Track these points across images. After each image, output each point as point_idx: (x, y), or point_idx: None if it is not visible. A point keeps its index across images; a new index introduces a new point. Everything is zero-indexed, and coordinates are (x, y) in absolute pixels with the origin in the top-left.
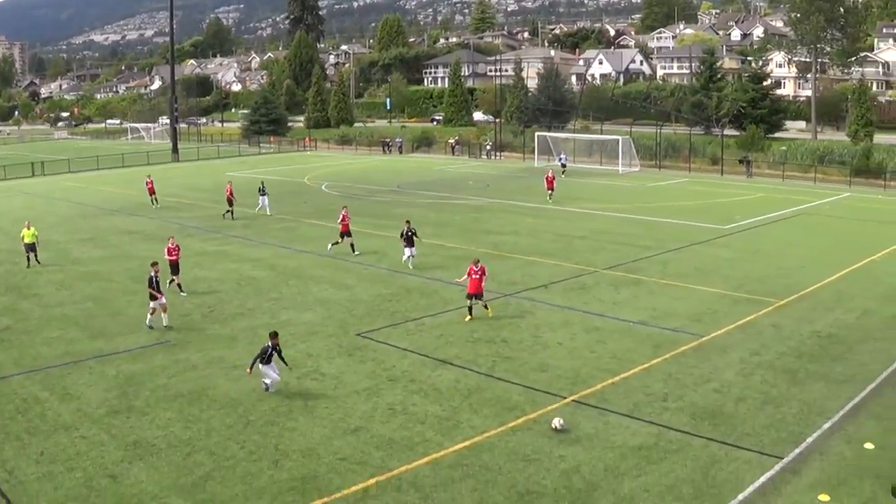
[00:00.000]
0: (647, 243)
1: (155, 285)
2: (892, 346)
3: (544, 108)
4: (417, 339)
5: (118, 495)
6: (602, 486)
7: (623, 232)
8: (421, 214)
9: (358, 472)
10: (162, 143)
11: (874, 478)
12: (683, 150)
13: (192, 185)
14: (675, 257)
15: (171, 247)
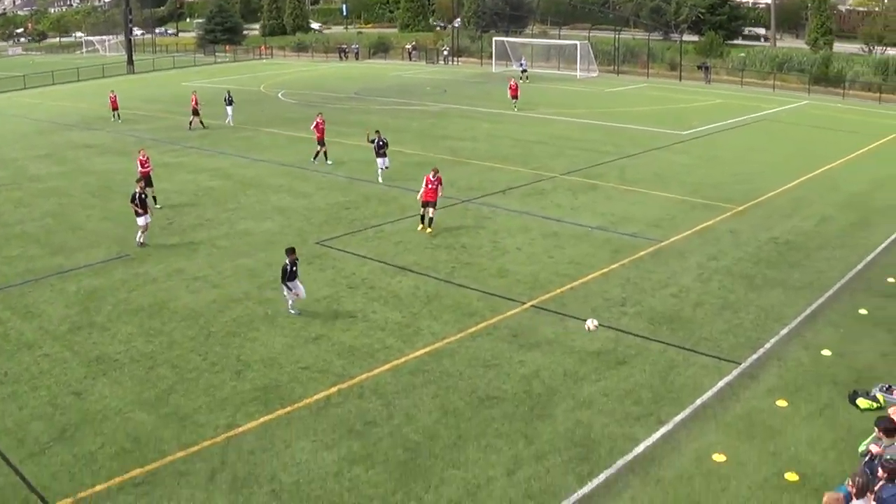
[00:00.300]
0: (606, 148)
1: (139, 202)
2: (849, 253)
3: (502, 12)
4: (376, 246)
5: (83, 412)
6: (561, 391)
7: (581, 137)
8: (378, 121)
9: (320, 380)
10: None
11: (831, 384)
12: (642, 55)
13: (148, 96)
14: (633, 163)
15: (142, 159)
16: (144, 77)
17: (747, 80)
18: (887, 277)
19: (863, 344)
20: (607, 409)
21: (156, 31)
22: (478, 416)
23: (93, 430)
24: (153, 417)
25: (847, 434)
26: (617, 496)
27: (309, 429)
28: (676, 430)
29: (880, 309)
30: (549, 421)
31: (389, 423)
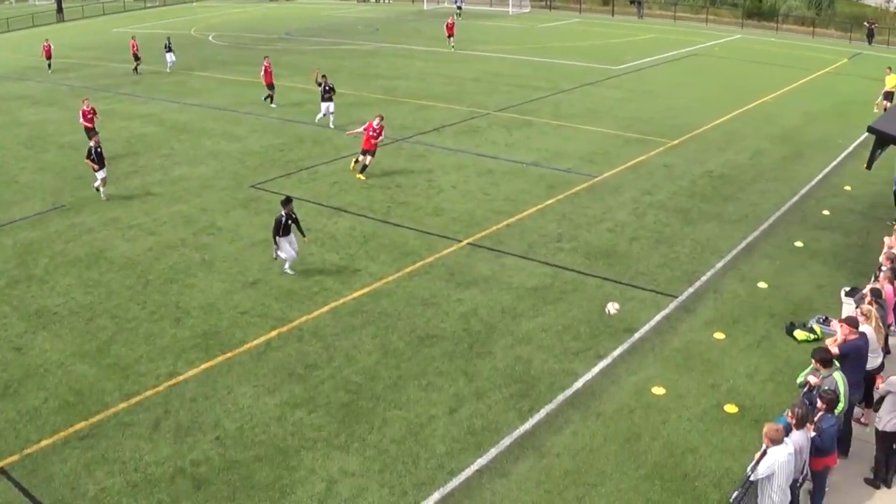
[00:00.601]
0: (539, 84)
1: (95, 157)
2: (783, 186)
3: None
4: (311, 187)
5: (24, 366)
6: (500, 328)
7: (514, 74)
8: (311, 61)
9: (259, 324)
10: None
11: (768, 316)
12: None
13: (79, 44)
14: (566, 98)
15: (85, 109)
16: (75, 25)
17: (680, 15)
18: (822, 210)
19: (799, 276)
20: (546, 344)
21: None
22: (418, 356)
23: (35, 385)
24: (95, 369)
25: (785, 366)
26: (558, 431)
27: (250, 374)
28: (615, 364)
29: (815, 241)
30: (489, 358)
31: (330, 365)
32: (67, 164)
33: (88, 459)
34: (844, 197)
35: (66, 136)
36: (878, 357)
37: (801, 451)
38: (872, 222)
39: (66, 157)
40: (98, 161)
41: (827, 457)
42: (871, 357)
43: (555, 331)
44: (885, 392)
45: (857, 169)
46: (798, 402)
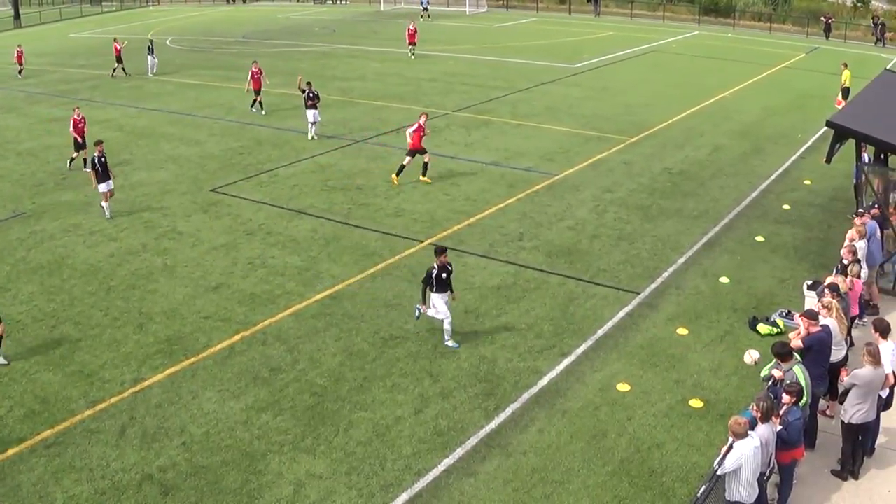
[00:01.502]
0: (497, 84)
1: (99, 168)
2: (742, 181)
3: None
4: (271, 190)
5: None
6: (463, 328)
7: (472, 73)
8: (268, 64)
9: (222, 329)
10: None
11: (731, 311)
12: None
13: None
14: (525, 97)
15: (76, 118)
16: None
17: (637, 13)
18: (782, 204)
19: (760, 270)
20: (510, 343)
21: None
22: (382, 357)
23: (0, 394)
24: (59, 377)
25: None
26: (524, 429)
27: (215, 378)
28: (579, 361)
29: (776, 235)
30: (453, 358)
31: (294, 368)
32: (27, 171)
33: (56, 467)
34: (804, 191)
35: (25, 142)
36: (841, 350)
37: (766, 445)
38: (832, 216)
39: (25, 164)
40: (103, 173)
41: (794, 449)
42: (835, 350)
43: (518, 329)
44: (849, 385)
45: (816, 163)
46: (763, 396)
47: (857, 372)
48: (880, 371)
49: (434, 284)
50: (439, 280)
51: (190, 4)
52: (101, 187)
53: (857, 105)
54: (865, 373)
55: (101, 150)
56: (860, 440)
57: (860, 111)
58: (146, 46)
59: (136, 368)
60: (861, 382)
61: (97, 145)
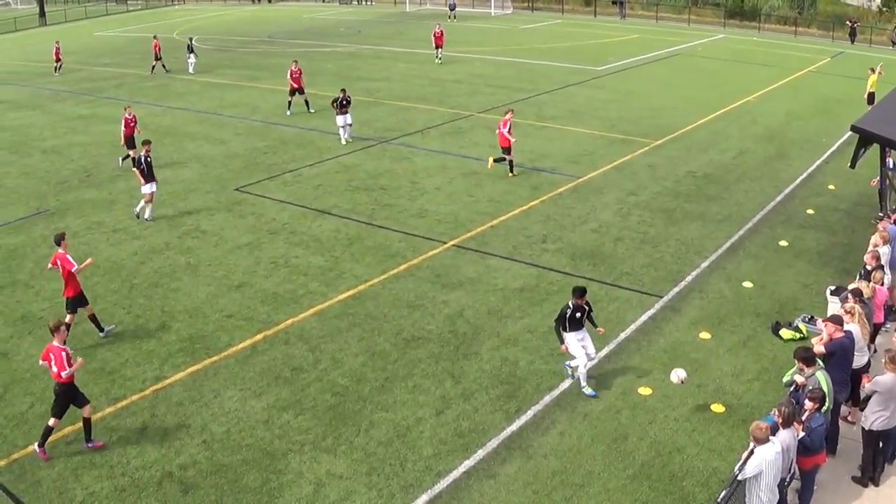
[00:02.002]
0: (522, 86)
1: (145, 167)
2: (767, 185)
3: None
4: (295, 190)
5: (10, 372)
6: (486, 329)
7: (497, 75)
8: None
9: (245, 328)
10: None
11: (754, 315)
12: None
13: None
14: (549, 99)
15: (128, 118)
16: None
17: (662, 16)
18: (806, 209)
19: (784, 275)
20: (532, 345)
21: None
22: (404, 358)
23: (22, 390)
24: (81, 373)
25: (771, 365)
26: (545, 432)
27: (236, 377)
28: (601, 363)
29: (800, 240)
30: (475, 359)
31: (316, 368)
32: (51, 169)
33: (76, 464)
34: (828, 196)
35: (49, 140)
36: (864, 356)
37: (788, 450)
38: (857, 221)
39: (49, 162)
40: (147, 173)
41: (816, 455)
42: (858, 355)
43: (541, 332)
44: (870, 391)
45: (841, 168)
46: (785, 401)
47: (879, 378)
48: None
49: (567, 324)
50: (573, 319)
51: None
52: (145, 188)
53: (882, 110)
54: (887, 379)
55: (148, 150)
56: (881, 447)
57: (885, 116)
58: (186, 45)
59: (157, 366)
60: (882, 389)
61: (145, 145)
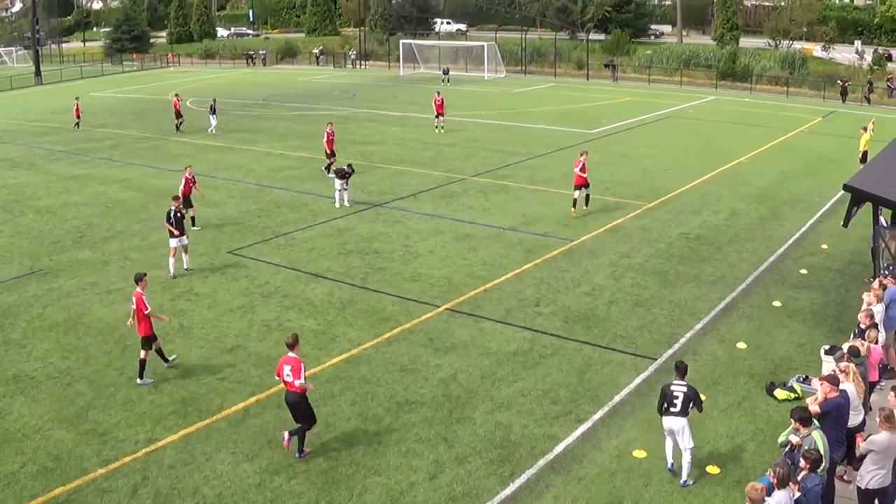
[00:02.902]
0: (515, 149)
1: (174, 221)
2: (760, 246)
3: (409, 15)
4: (289, 253)
5: (2, 431)
6: (480, 393)
7: (491, 139)
8: (287, 127)
9: (237, 391)
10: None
11: (748, 376)
12: (549, 55)
13: (56, 108)
14: (542, 163)
15: (188, 177)
16: (52, 88)
17: (654, 78)
18: (800, 269)
19: (778, 335)
20: (526, 409)
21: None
22: (397, 422)
23: (13, 450)
24: (73, 434)
25: (766, 425)
26: (540, 496)
27: (229, 440)
28: (596, 427)
29: (794, 300)
30: (469, 423)
31: (309, 431)
32: (45, 228)
33: None
34: (821, 255)
35: (44, 199)
36: (859, 414)
37: None
38: (850, 280)
39: (43, 221)
40: (177, 226)
41: None
42: (853, 414)
43: (535, 395)
44: (865, 450)
45: (833, 227)
46: (780, 462)
47: (874, 437)
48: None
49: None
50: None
51: (210, 66)
52: (172, 242)
53: (874, 168)
54: (882, 438)
55: (178, 205)
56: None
57: (877, 174)
58: (209, 105)
59: (150, 428)
60: (878, 448)
61: (174, 201)
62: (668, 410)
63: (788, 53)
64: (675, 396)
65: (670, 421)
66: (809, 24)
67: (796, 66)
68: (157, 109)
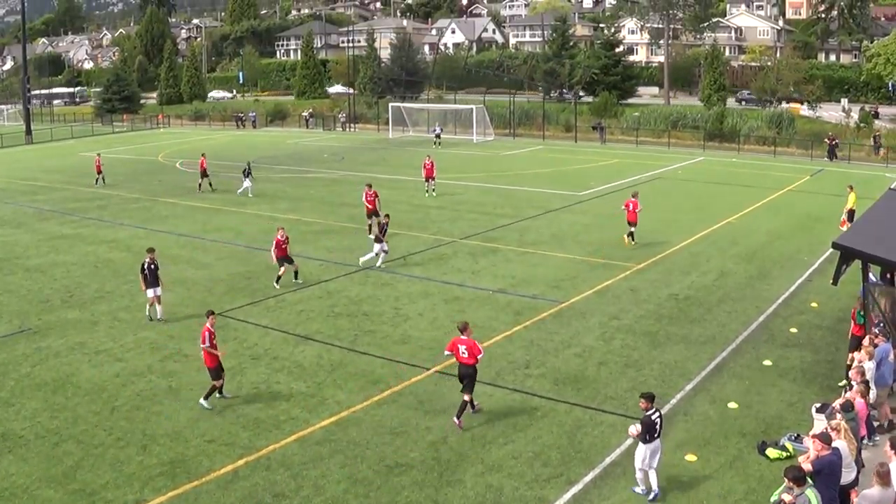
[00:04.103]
0: (504, 211)
1: (147, 273)
2: (749, 306)
3: (398, 78)
4: (278, 315)
5: None
6: (470, 456)
7: (479, 201)
8: (277, 189)
9: (226, 453)
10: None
11: (739, 436)
12: (537, 117)
13: (47, 167)
14: (531, 225)
15: (279, 238)
16: (42, 147)
17: (642, 139)
18: (790, 327)
19: (769, 394)
20: (517, 471)
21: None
22: (387, 485)
23: None
24: (61, 494)
25: (758, 485)
26: None
27: (217, 503)
28: (587, 489)
29: (784, 359)
30: (459, 486)
31: (298, 494)
32: (34, 288)
33: None
34: (811, 314)
35: (33, 258)
36: (851, 472)
37: None
38: (840, 338)
39: (32, 280)
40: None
41: None
42: (846, 472)
43: (525, 457)
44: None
45: (822, 285)
46: None
47: (866, 492)
48: (889, 492)
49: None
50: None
51: (200, 128)
52: (149, 293)
53: (862, 225)
54: (874, 493)
55: (153, 258)
56: None
57: (865, 231)
58: (243, 169)
59: (138, 489)
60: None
61: (149, 253)
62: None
63: (775, 113)
64: (656, 423)
65: (655, 445)
66: (796, 84)
67: (784, 125)
68: (147, 170)
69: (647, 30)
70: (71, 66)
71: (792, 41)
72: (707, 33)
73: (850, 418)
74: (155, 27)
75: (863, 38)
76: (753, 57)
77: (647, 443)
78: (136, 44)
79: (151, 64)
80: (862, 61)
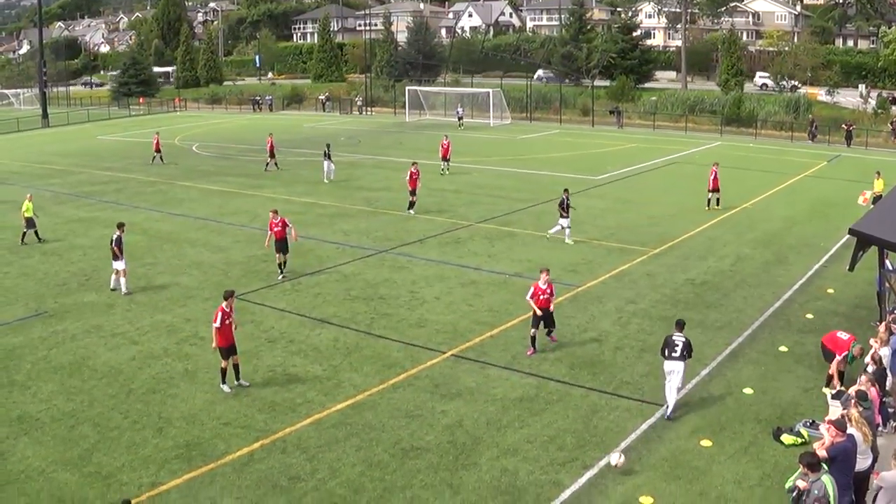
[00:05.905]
0: (521, 195)
1: (116, 245)
2: (766, 291)
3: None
4: (294, 298)
5: (5, 472)
6: (485, 440)
7: (496, 185)
8: (293, 173)
9: (242, 436)
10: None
11: (755, 422)
12: (554, 101)
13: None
14: (548, 209)
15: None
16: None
17: (659, 124)
18: (806, 314)
19: (785, 380)
20: (532, 455)
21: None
22: (402, 468)
23: (17, 491)
24: (77, 477)
25: (773, 471)
26: None
27: (233, 485)
28: (602, 474)
29: (800, 345)
30: (474, 470)
31: (313, 477)
32: (50, 271)
33: None
34: (827, 300)
35: (50, 242)
36: (867, 458)
37: None
38: (856, 324)
39: (49, 263)
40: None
41: None
42: (861, 459)
43: (540, 441)
44: (876, 487)
45: (839, 271)
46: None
47: (885, 474)
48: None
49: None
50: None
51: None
52: (116, 265)
53: (879, 212)
54: (892, 475)
55: (122, 231)
56: None
57: (883, 218)
58: (323, 151)
59: (154, 472)
60: (888, 485)
61: (118, 228)
62: (670, 355)
63: (793, 98)
64: (675, 344)
65: (671, 364)
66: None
67: (801, 110)
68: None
69: (664, 14)
70: (87, 49)
71: (809, 26)
72: (724, 18)
73: (867, 407)
74: (171, 10)
75: (881, 23)
76: (771, 42)
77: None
78: (153, 27)
79: (168, 47)
80: (879, 47)
